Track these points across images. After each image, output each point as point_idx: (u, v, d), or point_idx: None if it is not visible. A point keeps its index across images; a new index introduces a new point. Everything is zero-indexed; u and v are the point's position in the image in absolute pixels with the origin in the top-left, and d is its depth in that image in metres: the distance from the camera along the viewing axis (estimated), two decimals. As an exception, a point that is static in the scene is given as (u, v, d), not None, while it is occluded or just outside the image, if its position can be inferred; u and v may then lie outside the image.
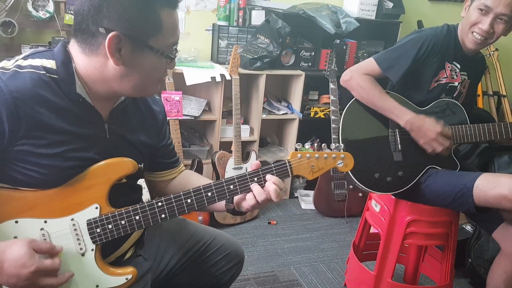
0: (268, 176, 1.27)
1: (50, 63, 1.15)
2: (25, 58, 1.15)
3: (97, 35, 1.10)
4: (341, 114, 2.07)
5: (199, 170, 3.00)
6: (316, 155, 1.32)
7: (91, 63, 1.15)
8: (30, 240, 1.08)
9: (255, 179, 1.27)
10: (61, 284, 1.13)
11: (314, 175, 1.33)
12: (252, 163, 1.31)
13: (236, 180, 1.27)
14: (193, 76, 2.98)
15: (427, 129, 1.93)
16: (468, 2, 1.98)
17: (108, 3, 1.07)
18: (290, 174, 1.30)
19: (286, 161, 1.30)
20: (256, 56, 3.17)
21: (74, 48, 1.17)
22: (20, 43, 2.90)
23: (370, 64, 2.04)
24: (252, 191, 1.26)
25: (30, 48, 2.87)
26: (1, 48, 2.91)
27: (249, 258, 2.74)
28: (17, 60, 1.14)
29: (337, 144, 1.37)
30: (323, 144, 1.35)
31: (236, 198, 1.32)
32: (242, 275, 2.50)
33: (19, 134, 1.08)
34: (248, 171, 1.29)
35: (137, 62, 1.14)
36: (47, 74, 1.13)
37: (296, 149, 1.34)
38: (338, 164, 1.34)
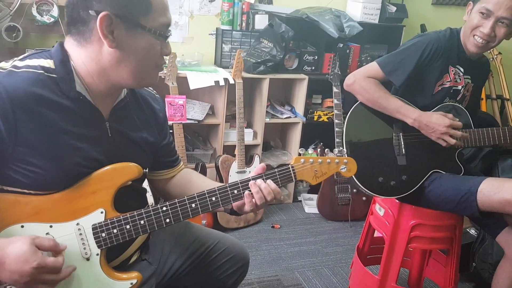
0: (269, 181, 1.29)
1: (48, 63, 1.15)
2: (22, 59, 1.15)
3: (88, 20, 1.11)
4: (344, 118, 2.08)
5: (203, 174, 2.99)
6: (319, 160, 1.33)
7: (87, 54, 1.15)
8: (33, 237, 1.08)
9: None
10: (64, 278, 1.12)
11: (318, 180, 1.35)
12: (257, 166, 1.32)
13: (240, 185, 1.28)
14: (196, 80, 2.98)
15: (436, 124, 1.93)
16: (470, 6, 1.99)
17: None
18: (294, 179, 1.32)
19: (290, 166, 1.32)
20: (259, 60, 3.18)
21: (69, 44, 1.17)
22: (25, 48, 2.91)
23: (373, 68, 2.04)
24: (251, 191, 1.28)
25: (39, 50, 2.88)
26: (6, 52, 2.92)
27: (252, 262, 2.74)
28: (14, 61, 1.14)
29: (340, 149, 1.38)
30: (326, 150, 1.36)
31: (237, 202, 1.33)
32: (246, 279, 2.50)
33: (18, 134, 1.08)
34: (252, 175, 1.30)
35: (131, 44, 1.14)
36: (45, 74, 1.13)
37: (299, 154, 1.34)
38: (341, 169, 1.36)
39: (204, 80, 3.00)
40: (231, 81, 3.07)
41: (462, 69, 2.05)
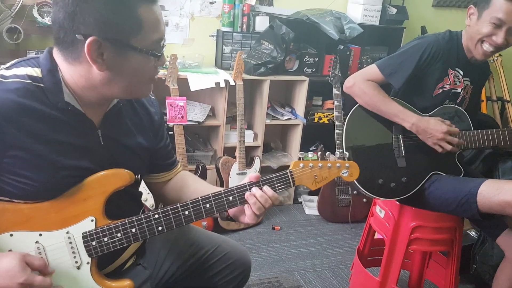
0: (265, 188, 1.25)
1: (36, 71, 1.12)
2: (8, 67, 1.12)
3: (76, 42, 1.06)
4: (345, 119, 2.08)
5: (203, 175, 3.00)
6: (320, 165, 1.28)
7: (76, 71, 1.11)
8: (24, 254, 1.06)
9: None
10: None
11: (317, 185, 1.30)
12: (251, 175, 1.27)
13: (235, 192, 1.24)
14: (197, 82, 2.99)
15: (434, 130, 1.93)
16: (472, 10, 1.96)
17: (81, 8, 1.03)
18: (292, 184, 1.27)
19: (288, 171, 1.27)
20: (260, 62, 3.18)
21: (58, 56, 1.13)
22: (26, 49, 2.92)
23: (372, 70, 2.04)
24: (248, 202, 1.24)
25: (35, 54, 2.87)
26: (7, 54, 2.92)
27: (253, 264, 2.70)
28: (0, 70, 1.11)
29: (341, 151, 1.36)
30: (327, 153, 1.32)
31: (233, 209, 1.30)
32: (246, 281, 2.50)
33: (5, 146, 1.06)
34: (248, 182, 1.26)
35: (122, 65, 1.10)
36: (33, 83, 1.10)
37: (299, 158, 1.30)
38: (343, 173, 1.30)
39: (205, 82, 3.01)
40: (232, 83, 3.07)
41: (461, 72, 2.04)
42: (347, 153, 1.34)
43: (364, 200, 3.32)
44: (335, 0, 3.64)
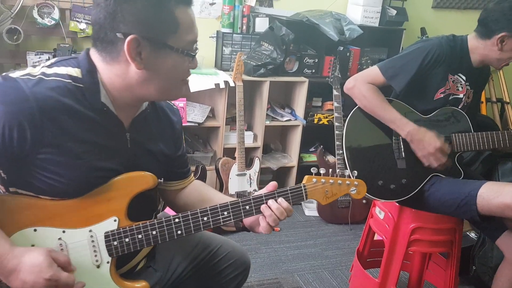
0: (280, 200, 1.30)
1: (76, 72, 1.15)
2: (50, 66, 1.16)
3: (115, 41, 1.10)
4: (344, 120, 2.08)
5: (203, 176, 3.01)
6: (331, 181, 1.35)
7: (113, 71, 1.15)
8: (50, 249, 1.08)
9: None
10: None
11: (328, 201, 1.37)
12: (269, 184, 1.33)
13: (252, 201, 1.29)
14: (197, 83, 2.99)
15: (427, 143, 1.93)
16: (504, 37, 1.89)
17: (122, 7, 1.07)
18: (305, 198, 1.34)
19: (302, 185, 1.34)
20: (260, 63, 3.18)
21: (95, 57, 1.17)
22: (26, 50, 2.93)
23: (374, 72, 2.04)
24: (264, 214, 1.30)
25: (35, 55, 2.89)
26: (7, 54, 2.93)
27: (252, 265, 2.69)
28: (42, 67, 1.14)
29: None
30: (337, 170, 1.39)
31: (249, 220, 1.36)
32: (246, 282, 2.50)
33: (42, 142, 1.08)
34: (264, 192, 1.31)
35: (158, 64, 1.14)
36: (73, 83, 1.13)
37: (312, 174, 1.36)
38: (351, 190, 1.38)
39: (205, 83, 3.01)
40: (232, 84, 3.07)
41: (464, 77, 2.04)
42: (355, 171, 1.41)
43: (364, 201, 3.32)
44: (335, 1, 3.65)
